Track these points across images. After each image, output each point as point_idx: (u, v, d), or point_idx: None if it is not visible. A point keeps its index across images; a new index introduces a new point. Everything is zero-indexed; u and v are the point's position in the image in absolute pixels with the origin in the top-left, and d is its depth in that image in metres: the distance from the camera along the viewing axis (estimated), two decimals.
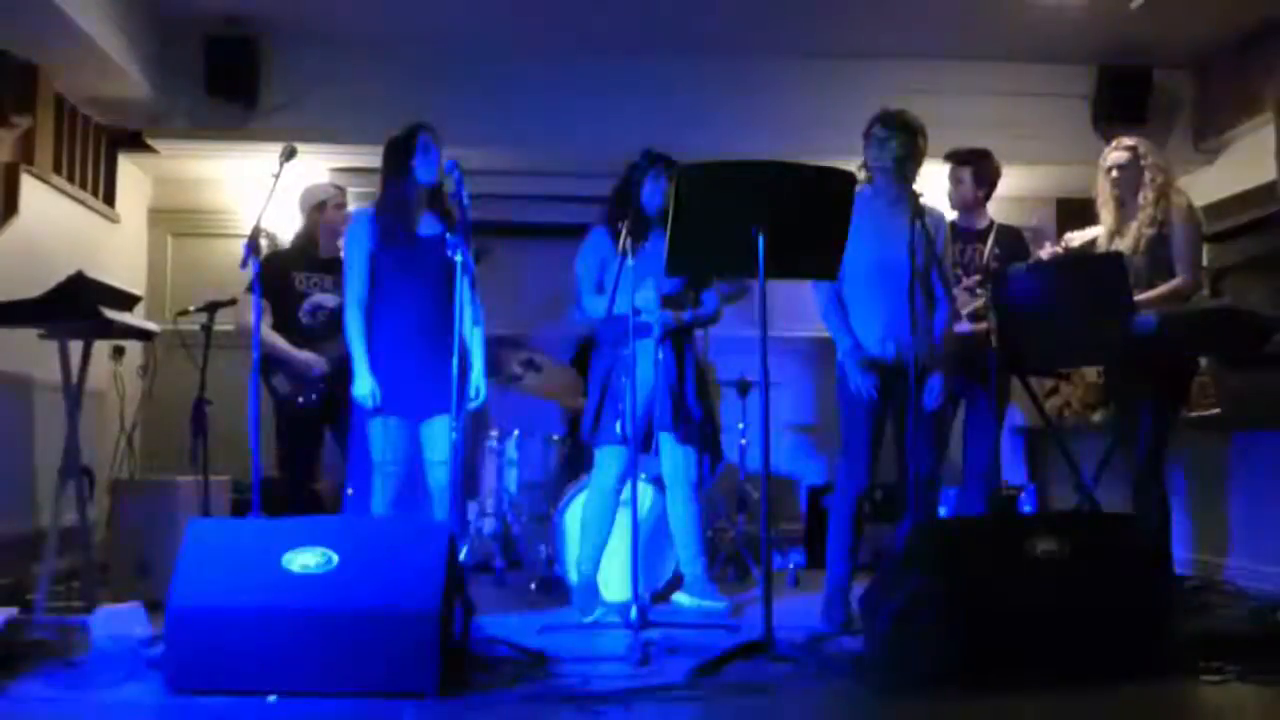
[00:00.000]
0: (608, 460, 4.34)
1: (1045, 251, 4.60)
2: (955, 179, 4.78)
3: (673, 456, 4.39)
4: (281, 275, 4.80)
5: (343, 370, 4.25)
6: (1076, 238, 4.54)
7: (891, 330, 3.96)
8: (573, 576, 4.50)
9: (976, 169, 4.77)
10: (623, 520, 4.23)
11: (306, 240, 5.00)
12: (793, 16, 5.59)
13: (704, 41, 5.86)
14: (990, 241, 4.76)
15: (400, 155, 4.06)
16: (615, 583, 4.42)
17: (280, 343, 4.70)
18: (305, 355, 4.70)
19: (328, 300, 4.81)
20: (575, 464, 5.39)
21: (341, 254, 4.30)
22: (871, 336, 4.02)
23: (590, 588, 4.36)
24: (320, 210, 4.96)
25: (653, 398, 4.32)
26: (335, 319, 4.59)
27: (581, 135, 5.96)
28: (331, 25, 5.70)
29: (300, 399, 4.72)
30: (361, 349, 4.00)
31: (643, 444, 4.35)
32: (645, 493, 4.58)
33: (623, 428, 4.13)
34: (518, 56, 5.90)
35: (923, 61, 5.97)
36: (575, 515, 4.68)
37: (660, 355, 4.29)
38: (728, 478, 5.70)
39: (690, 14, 5.55)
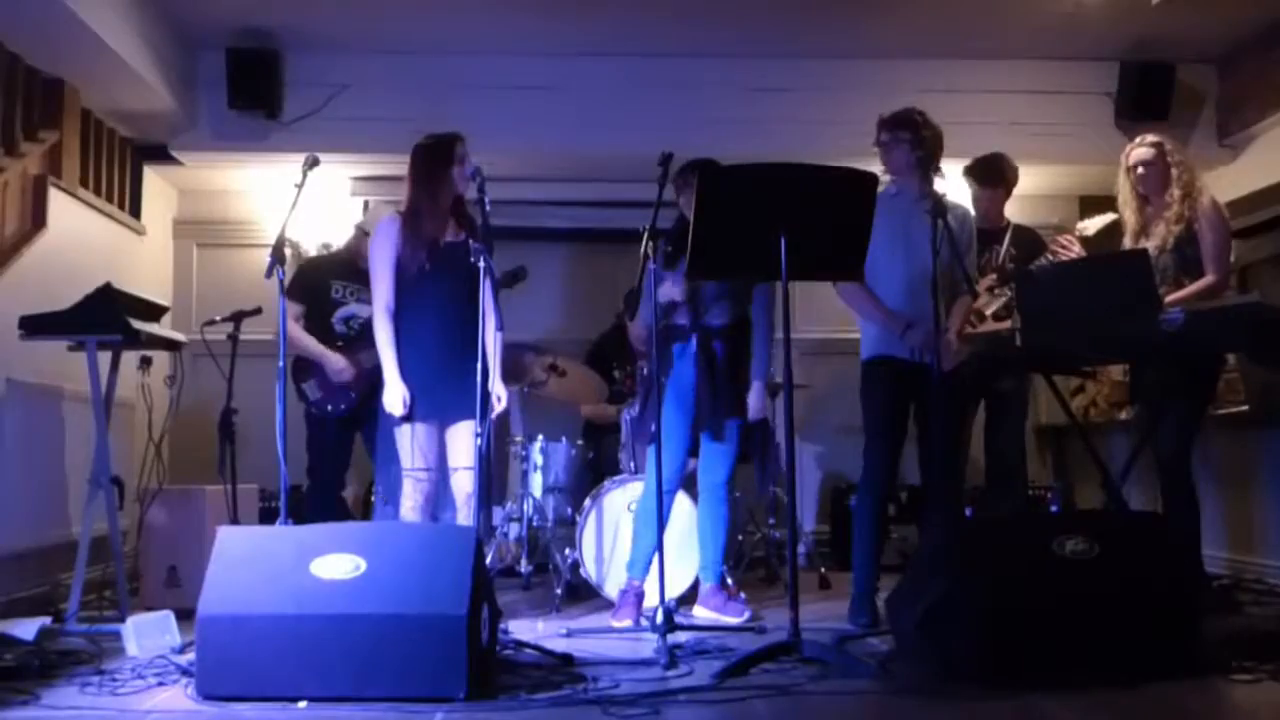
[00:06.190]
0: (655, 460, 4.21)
1: (1059, 247, 4.56)
2: (989, 196, 4.75)
3: (704, 455, 4.32)
4: (320, 282, 4.85)
5: (377, 377, 4.26)
6: (1091, 226, 4.48)
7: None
8: (609, 583, 4.48)
9: (1002, 183, 4.75)
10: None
11: (353, 252, 4.99)
12: (812, 18, 5.57)
13: (721, 44, 5.85)
14: (1006, 243, 4.75)
15: (438, 163, 4.00)
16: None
17: (313, 344, 4.73)
18: (337, 358, 4.72)
19: (362, 310, 4.83)
20: (599, 468, 5.39)
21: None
22: (893, 334, 4.02)
23: (636, 594, 4.26)
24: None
25: (695, 398, 4.24)
26: (368, 329, 4.62)
27: (601, 140, 5.95)
28: (352, 36, 5.73)
29: (330, 406, 4.75)
30: (391, 356, 3.96)
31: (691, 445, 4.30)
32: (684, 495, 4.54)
33: (656, 427, 4.09)
34: (535, 63, 5.92)
35: (943, 61, 5.94)
36: (601, 518, 4.69)
37: (691, 354, 4.24)
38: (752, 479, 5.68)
39: (708, 16, 5.55)
